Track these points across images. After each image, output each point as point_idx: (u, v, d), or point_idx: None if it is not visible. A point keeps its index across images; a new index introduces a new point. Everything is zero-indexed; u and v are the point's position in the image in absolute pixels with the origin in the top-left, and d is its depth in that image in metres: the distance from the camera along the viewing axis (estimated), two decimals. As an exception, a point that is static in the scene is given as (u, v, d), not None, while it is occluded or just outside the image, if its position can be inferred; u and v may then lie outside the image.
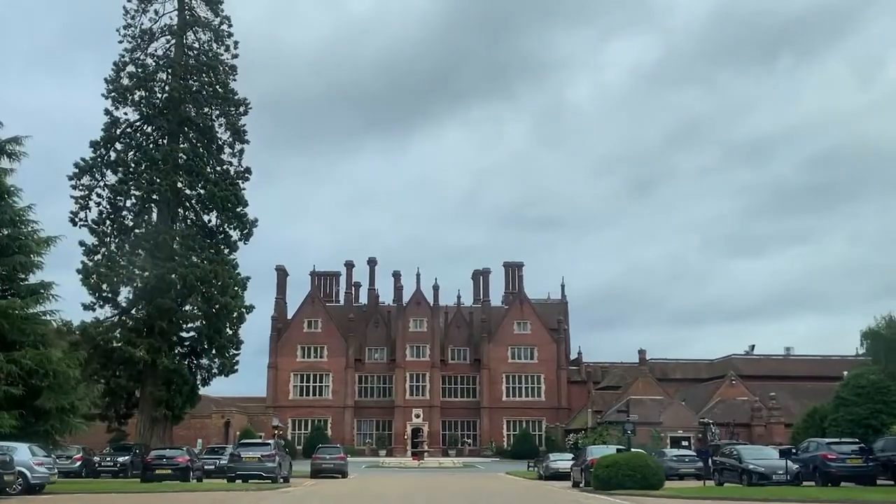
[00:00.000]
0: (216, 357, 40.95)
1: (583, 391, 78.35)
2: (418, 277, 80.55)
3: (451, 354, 79.19)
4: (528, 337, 79.32)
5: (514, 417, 77.24)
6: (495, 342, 78.81)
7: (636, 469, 19.21)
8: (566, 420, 75.75)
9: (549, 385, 78.10)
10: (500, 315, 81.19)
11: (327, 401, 77.21)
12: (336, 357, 78.18)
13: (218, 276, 39.41)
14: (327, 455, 36.09)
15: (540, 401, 77.80)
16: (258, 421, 62.58)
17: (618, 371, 72.02)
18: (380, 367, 78.78)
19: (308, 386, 77.77)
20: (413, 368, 77.59)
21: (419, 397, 77.13)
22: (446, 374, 78.29)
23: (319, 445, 38.44)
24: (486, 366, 77.65)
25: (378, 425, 77.43)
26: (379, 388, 78.58)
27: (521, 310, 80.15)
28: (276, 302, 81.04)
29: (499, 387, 77.86)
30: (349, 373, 77.35)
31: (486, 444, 75.33)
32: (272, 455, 27.51)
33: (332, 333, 78.76)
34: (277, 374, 77.47)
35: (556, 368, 78.37)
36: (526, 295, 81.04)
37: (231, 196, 41.54)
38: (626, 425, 31.40)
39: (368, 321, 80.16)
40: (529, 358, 78.89)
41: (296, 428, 76.48)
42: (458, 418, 77.71)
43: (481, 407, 76.95)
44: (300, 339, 78.61)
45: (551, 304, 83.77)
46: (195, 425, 57.25)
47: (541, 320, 79.91)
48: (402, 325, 78.15)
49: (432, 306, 79.17)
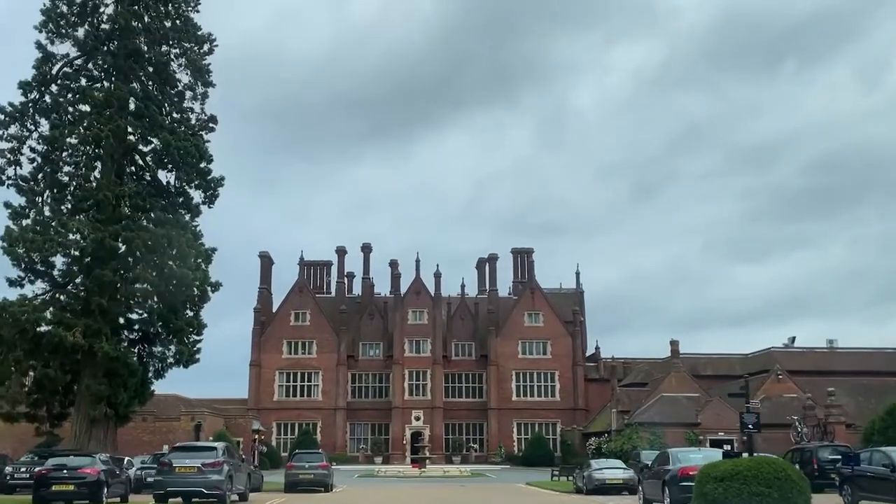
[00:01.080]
0: (172, 343, 33.91)
1: (602, 390, 71.31)
2: (418, 264, 73.76)
3: (454, 350, 72.19)
4: (541, 330, 72.33)
5: (525, 420, 70.23)
6: (504, 336, 71.83)
7: (772, 483, 12.04)
8: (584, 422, 68.74)
9: (564, 383, 71.10)
10: (508, 306, 74.27)
11: (316, 402, 70.15)
12: (326, 353, 71.14)
13: (173, 242, 32.39)
14: (305, 463, 29.05)
15: (554, 401, 70.80)
16: (236, 424, 55.63)
17: (643, 367, 65.06)
18: (375, 364, 71.78)
19: (295, 385, 70.70)
20: (412, 365, 70.59)
21: (419, 397, 70.11)
22: (449, 372, 71.31)
23: (296, 451, 31.08)
24: (493, 362, 70.67)
25: (373, 429, 70.40)
26: (374, 388, 71.56)
27: (533, 299, 73.18)
28: (260, 293, 74.02)
29: (508, 385, 70.86)
30: (341, 371, 70.31)
31: (493, 450, 68.35)
32: (217, 464, 20.23)
33: (322, 327, 71.76)
34: (261, 372, 70.41)
35: (572, 365, 71.40)
36: (537, 283, 74.08)
37: (192, 148, 34.49)
38: (744, 417, 21.47)
39: (362, 313, 73.16)
40: (542, 353, 71.91)
41: (281, 432, 69.43)
42: (463, 421, 70.69)
43: (489, 408, 69.95)
44: (286, 334, 71.55)
45: (565, 294, 76.80)
46: (160, 429, 50.22)
47: (554, 311, 72.94)
48: (400, 318, 71.16)
49: (433, 296, 72.20)
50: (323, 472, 28.78)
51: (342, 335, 70.98)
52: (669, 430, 51.09)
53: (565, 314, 73.41)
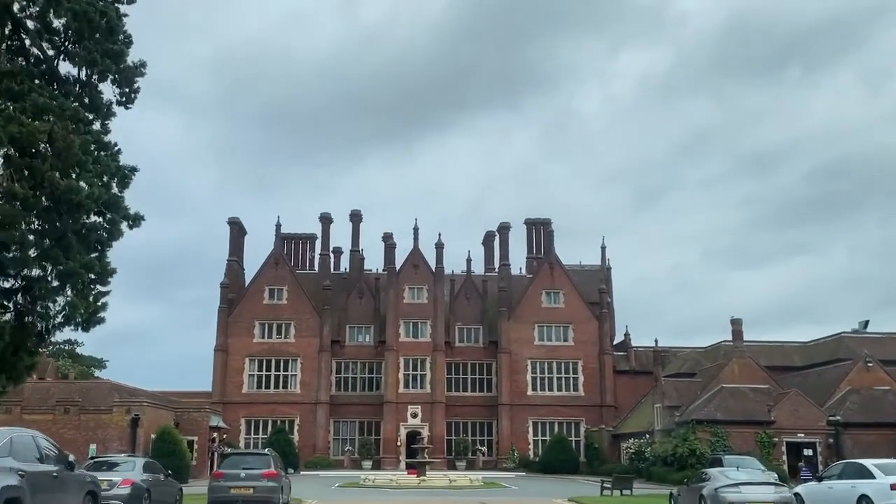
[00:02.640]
0: (64, 292, 23.75)
1: (634, 384, 61.46)
2: (416, 233, 63.67)
3: (458, 335, 62.19)
4: (561, 312, 62.34)
5: (542, 418, 60.22)
6: (517, 318, 61.84)
7: None
8: (613, 421, 58.83)
9: (588, 375, 61.11)
10: (522, 284, 64.32)
11: (294, 395, 60.08)
12: (306, 337, 61.08)
13: (57, 140, 22.26)
14: (241, 471, 18.67)
15: (577, 396, 60.82)
16: (189, 420, 45.59)
17: (689, 355, 55.03)
18: (365, 350, 61.73)
19: (268, 375, 60.59)
20: (409, 352, 60.61)
21: (417, 390, 60.11)
22: (453, 361, 61.31)
23: (228, 452, 20.65)
24: (505, 349, 60.68)
25: (362, 428, 60.34)
26: (363, 379, 61.50)
27: (552, 275, 63.15)
28: (229, 266, 63.89)
29: (522, 377, 60.86)
30: (324, 358, 60.25)
31: (505, 454, 58.36)
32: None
33: (302, 306, 61.70)
34: (227, 359, 60.27)
35: (599, 353, 61.39)
36: (557, 257, 64.05)
37: (99, 18, 24.32)
38: None
39: (350, 291, 63.09)
40: (563, 339, 61.91)
41: (251, 431, 59.32)
42: (469, 419, 60.66)
43: (499, 404, 59.95)
44: (259, 314, 61.45)
45: (589, 272, 66.86)
46: (87, 423, 40.06)
47: (577, 290, 62.97)
48: (395, 296, 61.15)
49: (434, 271, 62.18)
50: (268, 484, 18.66)
51: (325, 316, 60.94)
52: (734, 430, 41.31)
53: (590, 294, 63.48)
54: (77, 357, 73.99)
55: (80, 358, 74.42)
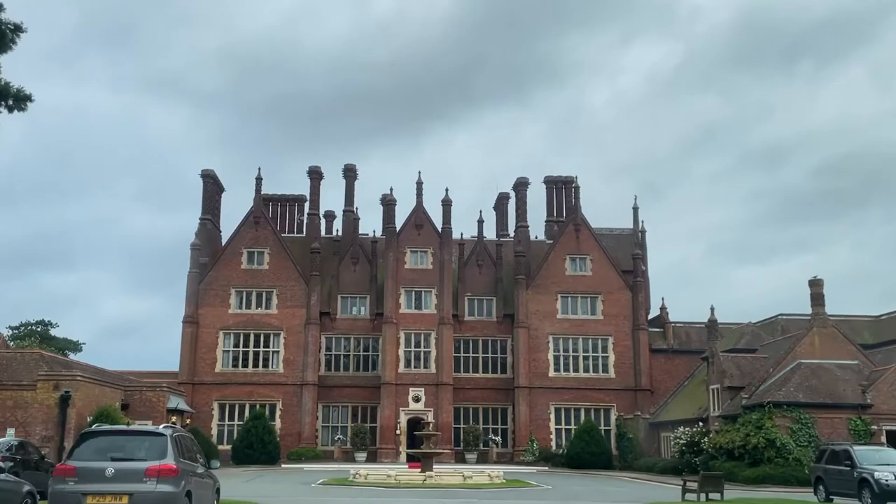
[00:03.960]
0: None
1: (671, 365, 53.82)
2: (419, 188, 55.62)
3: (468, 307, 54.28)
4: (589, 280, 54.38)
5: (566, 403, 52.35)
6: (537, 288, 53.91)
7: None
8: (650, 407, 51.00)
9: (620, 354, 53.20)
10: (542, 250, 56.39)
11: (276, 375, 52.21)
12: (291, 308, 53.17)
13: None
14: (109, 465, 10.33)
15: (607, 378, 52.91)
16: (142, 401, 37.77)
17: (747, 329, 46.97)
18: (359, 324, 53.81)
19: (246, 352, 52.66)
20: (410, 326, 52.71)
21: (419, 370, 52.24)
22: (462, 337, 53.43)
23: (85, 433, 11.68)
24: (522, 323, 52.76)
25: (355, 413, 52.48)
26: (357, 357, 53.60)
27: (578, 238, 55.15)
28: (201, 225, 55.86)
29: (543, 356, 52.96)
30: (311, 332, 52.33)
31: (523, 445, 50.52)
32: None
33: (287, 272, 53.75)
34: (198, 332, 52.33)
35: (633, 329, 53.45)
36: (584, 217, 56.02)
37: None
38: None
39: (343, 256, 55.12)
40: (590, 312, 53.97)
41: (225, 416, 51.44)
42: (480, 404, 52.81)
43: (516, 387, 52.08)
44: (236, 280, 53.49)
45: (619, 237, 58.88)
46: (4, 402, 32.16)
47: (607, 256, 55.01)
48: (395, 261, 53.19)
49: (441, 232, 54.20)
50: (159, 489, 10.41)
51: (313, 284, 53.01)
52: (821, 416, 33.44)
53: (621, 262, 55.55)
54: (49, 339, 67.51)
55: (53, 340, 67.75)
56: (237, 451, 46.67)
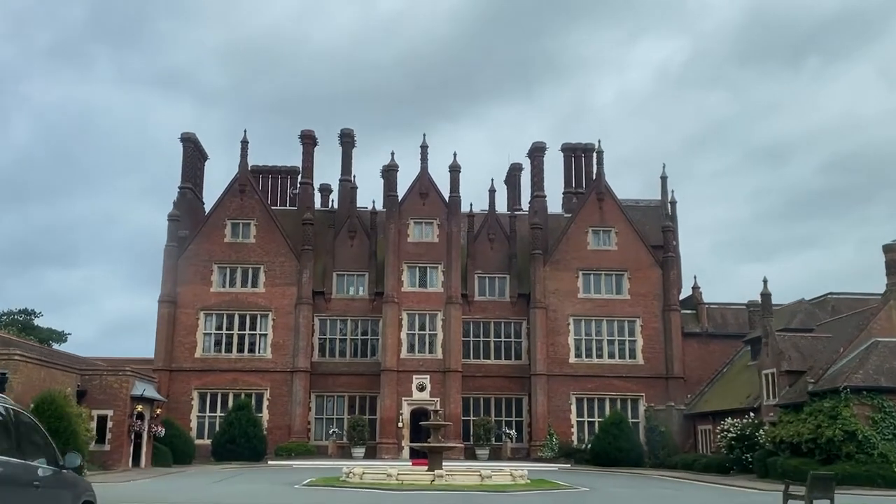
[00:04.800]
0: None
1: (705, 351, 48.80)
2: (423, 153, 50.44)
3: (479, 285, 49.12)
4: (614, 255, 49.18)
5: (589, 393, 47.21)
6: (556, 264, 48.74)
7: None
8: (682, 397, 45.88)
9: (650, 337, 48.01)
10: (560, 225, 51.22)
11: (263, 361, 47.11)
12: (281, 286, 48.05)
13: None
14: None
15: (634, 364, 47.74)
16: (101, 387, 32.68)
17: (800, 307, 41.60)
18: (357, 305, 48.66)
19: (230, 335, 47.54)
20: (415, 306, 47.59)
21: (425, 355, 47.12)
22: (472, 319, 48.28)
23: None
24: (539, 304, 47.61)
25: (352, 404, 47.37)
26: (354, 342, 48.45)
27: (601, 209, 49.92)
28: (181, 195, 50.74)
29: (563, 340, 47.79)
30: (303, 313, 47.19)
31: (541, 440, 45.42)
32: None
33: (276, 246, 48.63)
34: (176, 314, 47.22)
35: (663, 310, 48.26)
36: (608, 185, 50.79)
37: None
38: None
39: (339, 229, 49.95)
40: (615, 291, 48.78)
41: (206, 407, 46.37)
42: (492, 394, 47.68)
43: (533, 374, 46.94)
44: (219, 255, 48.36)
45: (646, 209, 53.66)
46: (-74, 386, 27.12)
47: (634, 228, 49.81)
48: (397, 234, 48.03)
49: (448, 201, 49.03)
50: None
51: (306, 260, 47.88)
52: (905, 404, 28.08)
53: (649, 236, 50.38)
54: (32, 329, 63.10)
55: (36, 330, 63.24)
56: (217, 446, 41.66)
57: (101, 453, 32.18)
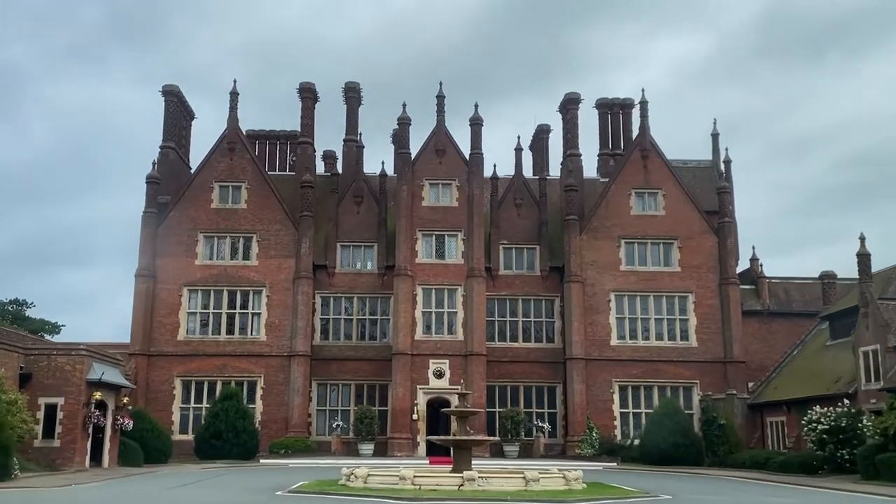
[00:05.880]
0: None
1: (767, 332, 43.26)
2: (440, 104, 44.55)
3: (505, 258, 43.29)
4: (661, 221, 43.21)
5: (634, 380, 41.34)
6: (594, 232, 42.85)
7: None
8: (743, 384, 39.96)
9: (704, 316, 42.04)
10: (596, 191, 45.35)
11: (256, 343, 41.43)
12: (276, 258, 42.37)
13: None
14: None
15: (687, 347, 41.79)
16: (51, 370, 27.14)
17: (888, 275, 35.50)
18: (365, 279, 42.91)
19: (218, 314, 41.88)
20: (431, 280, 41.81)
21: (443, 337, 41.34)
22: (497, 296, 42.47)
23: None
24: (575, 277, 41.74)
25: (359, 393, 41.66)
26: (362, 322, 42.71)
27: (645, 168, 43.92)
28: (162, 155, 45.07)
29: (603, 320, 41.89)
30: (302, 290, 41.48)
31: (579, 434, 39.57)
32: None
33: (271, 212, 42.95)
34: (155, 290, 41.62)
35: (720, 283, 42.29)
36: (654, 141, 44.79)
37: None
38: None
39: (343, 194, 44.20)
40: (663, 263, 42.84)
41: (190, 397, 40.73)
42: (521, 381, 41.85)
43: (568, 359, 41.11)
44: (205, 223, 42.71)
45: (695, 170, 47.77)
46: None
47: (685, 189, 43.85)
48: (410, 197, 42.24)
49: (469, 158, 43.19)
50: None
51: (305, 227, 42.17)
52: None
53: (704, 198, 44.45)
54: (23, 319, 58.92)
55: (27, 321, 58.95)
56: (201, 442, 36.15)
57: (48, 450, 26.72)
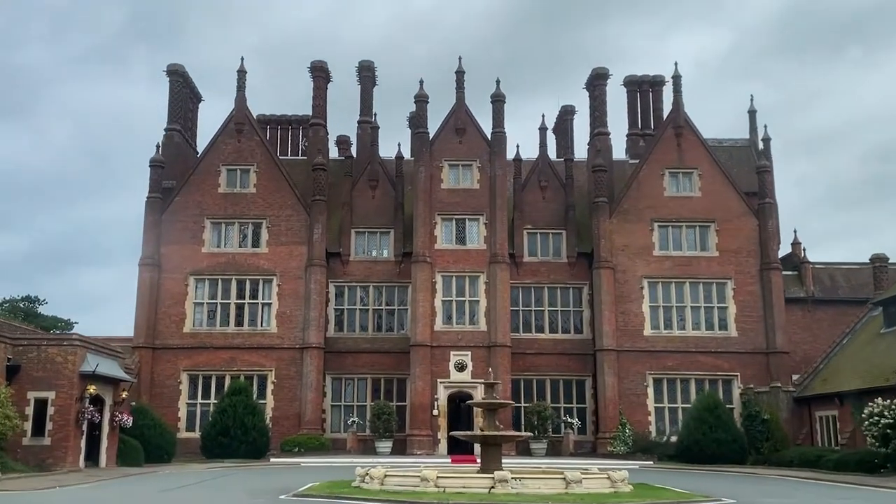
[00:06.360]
0: None
1: (811, 321, 40.96)
2: (459, 80, 42.24)
3: (529, 243, 40.98)
4: (697, 203, 40.70)
5: (669, 372, 38.89)
6: (625, 215, 40.44)
7: None
8: (787, 376, 37.46)
9: (745, 304, 39.52)
10: (626, 173, 42.98)
11: (267, 335, 39.33)
12: (288, 245, 40.27)
13: None
14: None
15: (726, 337, 39.29)
16: (40, 361, 25.15)
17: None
18: (381, 267, 40.72)
19: (226, 305, 39.84)
20: (451, 267, 39.56)
21: (464, 327, 39.07)
22: (521, 284, 40.17)
23: None
24: (604, 263, 39.35)
25: (376, 388, 39.52)
26: (378, 313, 40.52)
27: (679, 146, 41.42)
28: (167, 138, 43.08)
29: (635, 308, 39.47)
30: (315, 278, 39.34)
31: (611, 431, 37.18)
32: None
33: (281, 196, 40.85)
34: (160, 279, 39.63)
35: (760, 269, 39.74)
36: (688, 117, 42.26)
37: None
38: None
39: (357, 178, 42.03)
40: (700, 247, 40.35)
41: (197, 392, 38.71)
42: (548, 374, 39.56)
43: (598, 350, 38.74)
44: (212, 208, 40.67)
45: (731, 150, 45.29)
46: None
47: (722, 169, 41.34)
48: (428, 179, 40.00)
49: (491, 137, 40.87)
50: None
51: (317, 213, 40.03)
52: None
53: (742, 178, 41.94)
54: (35, 316, 57.74)
55: (39, 317, 57.76)
56: (207, 439, 34.13)
57: (38, 449, 24.76)
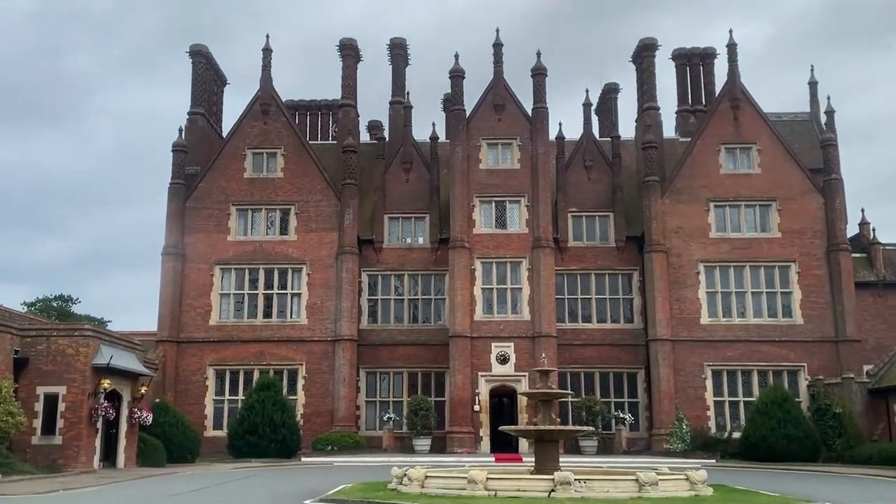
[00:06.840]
0: None
1: (883, 306, 37.98)
2: (497, 52, 39.86)
3: (573, 226, 38.52)
4: (757, 181, 37.88)
5: (729, 363, 36.15)
6: (678, 194, 37.78)
7: None
8: (859, 366, 34.58)
9: (810, 289, 36.64)
10: (676, 152, 40.35)
11: (297, 328, 37.34)
12: (318, 231, 38.27)
13: None
14: None
15: (791, 325, 36.43)
16: (51, 354, 23.41)
17: None
18: (416, 255, 38.57)
19: (254, 296, 37.92)
20: (491, 252, 37.24)
21: (506, 317, 36.71)
22: (567, 271, 37.75)
23: None
24: (657, 246, 36.76)
25: (412, 382, 37.36)
26: (414, 303, 38.36)
27: (736, 120, 38.60)
28: (190, 121, 41.32)
29: (691, 294, 36.81)
30: (346, 267, 37.31)
31: (666, 427, 34.58)
32: None
33: (310, 181, 38.86)
34: (184, 270, 37.85)
35: (827, 251, 36.86)
36: (745, 89, 39.42)
37: None
38: None
39: (390, 161, 39.91)
40: (760, 228, 37.55)
41: (224, 388, 36.87)
42: (596, 367, 37.06)
43: (651, 340, 36.18)
44: (237, 194, 38.81)
45: (791, 124, 42.39)
46: None
47: (783, 143, 38.49)
48: (465, 160, 37.71)
49: (532, 114, 38.44)
50: None
51: (349, 197, 37.97)
52: None
53: (805, 155, 39.07)
54: (68, 315, 57.79)
55: (72, 316, 57.73)
56: (234, 438, 32.28)
57: (48, 448, 23.01)
